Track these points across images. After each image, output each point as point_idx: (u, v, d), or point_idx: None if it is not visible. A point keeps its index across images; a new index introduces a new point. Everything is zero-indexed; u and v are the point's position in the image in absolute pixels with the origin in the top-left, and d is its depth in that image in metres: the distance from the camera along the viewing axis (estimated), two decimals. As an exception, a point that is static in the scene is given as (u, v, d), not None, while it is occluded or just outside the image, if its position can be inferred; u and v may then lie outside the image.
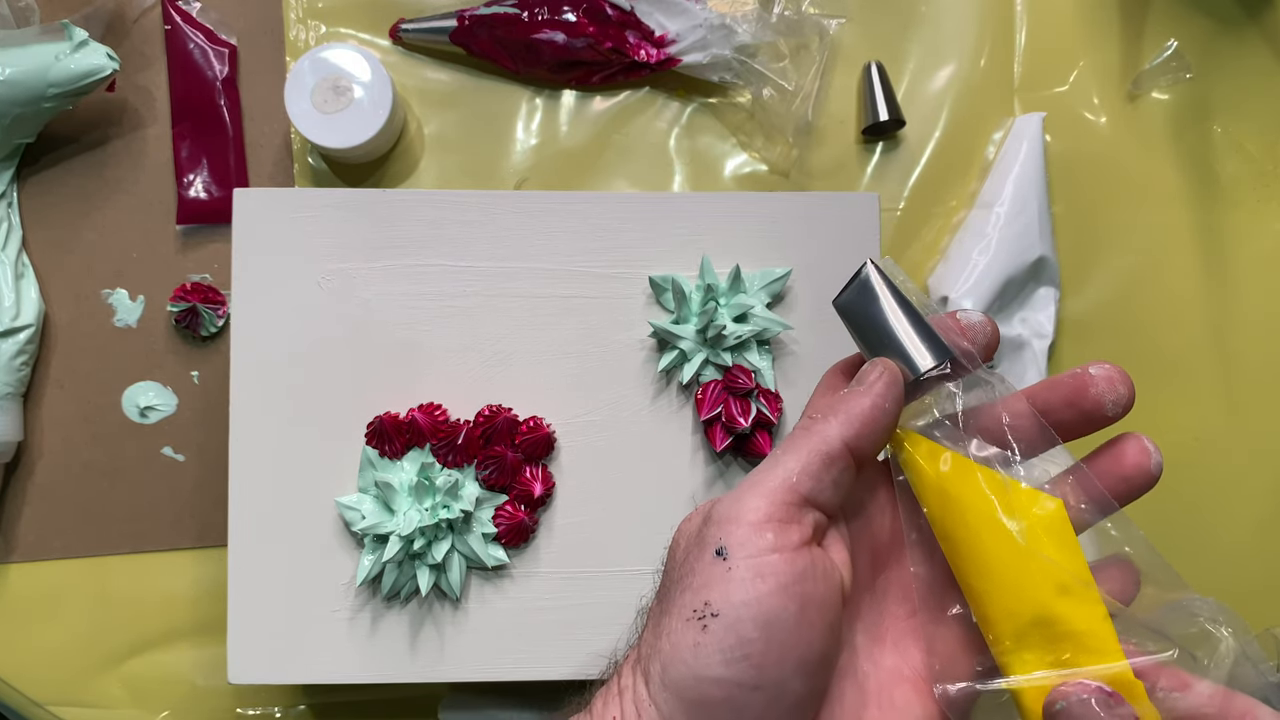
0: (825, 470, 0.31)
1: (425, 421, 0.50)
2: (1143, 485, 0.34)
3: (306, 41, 0.60)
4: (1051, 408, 0.33)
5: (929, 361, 0.32)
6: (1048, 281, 0.60)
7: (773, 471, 0.31)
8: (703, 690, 0.29)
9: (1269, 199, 0.62)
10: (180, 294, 0.58)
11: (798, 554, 0.30)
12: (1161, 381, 0.61)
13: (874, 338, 0.33)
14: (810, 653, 0.30)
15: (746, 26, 0.58)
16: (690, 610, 0.29)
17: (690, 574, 0.30)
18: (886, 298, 0.33)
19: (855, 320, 0.34)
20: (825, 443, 0.31)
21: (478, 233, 0.52)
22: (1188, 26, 0.62)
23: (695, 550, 0.31)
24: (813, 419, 0.32)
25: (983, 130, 0.61)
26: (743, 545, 0.30)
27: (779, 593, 0.29)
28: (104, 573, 0.58)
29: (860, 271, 0.34)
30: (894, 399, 0.32)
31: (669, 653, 0.30)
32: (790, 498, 0.30)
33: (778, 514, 0.30)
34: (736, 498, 0.31)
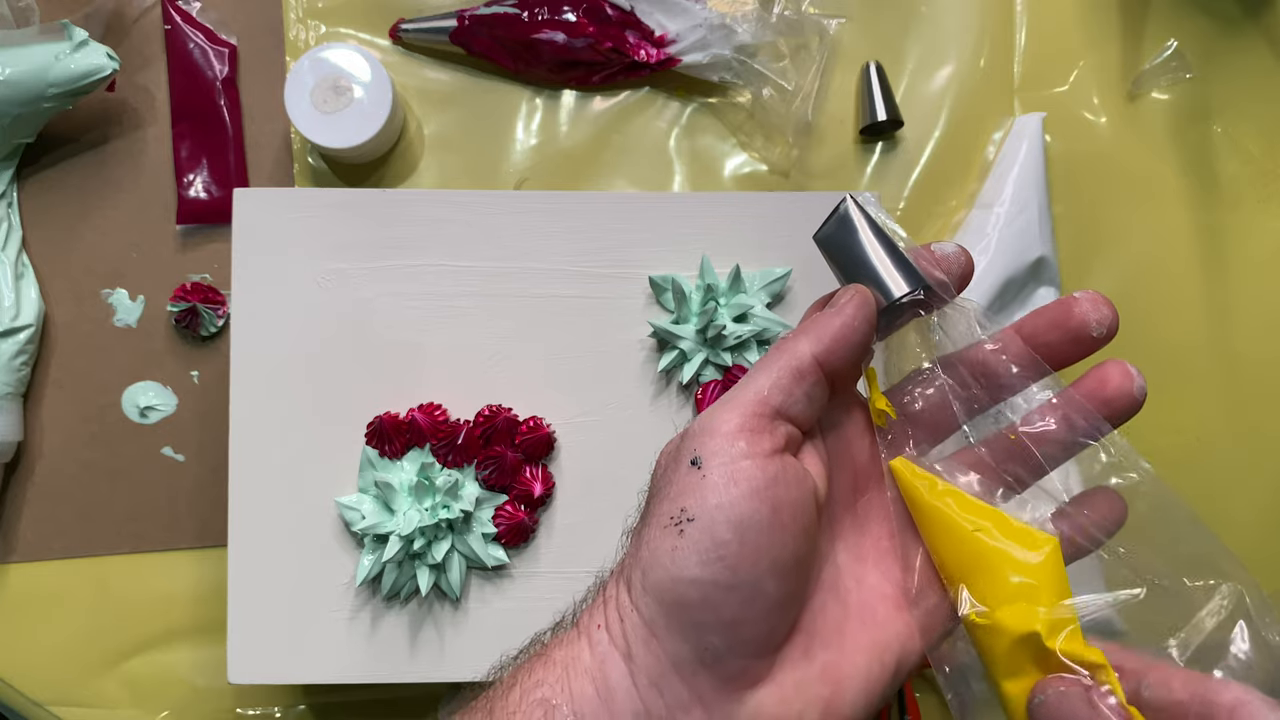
0: (796, 384, 0.32)
1: (425, 421, 0.50)
2: (1126, 408, 0.34)
3: (306, 41, 0.60)
4: (1038, 331, 0.34)
5: (903, 288, 0.33)
6: (1048, 281, 0.60)
7: (745, 388, 0.32)
8: (680, 591, 0.30)
9: (1269, 199, 0.62)
10: (180, 294, 0.58)
11: (769, 460, 0.31)
12: (1161, 381, 0.61)
13: (850, 268, 0.34)
14: (784, 553, 0.30)
15: (746, 26, 0.58)
16: (668, 517, 0.31)
17: (668, 485, 0.31)
18: (864, 230, 0.35)
19: (833, 252, 0.35)
20: (795, 358, 0.32)
21: (478, 233, 0.52)
22: (1188, 26, 0.62)
23: (673, 464, 0.32)
24: (785, 339, 0.33)
25: (983, 130, 0.61)
26: (716, 454, 0.31)
27: (751, 496, 0.30)
28: (104, 573, 0.58)
29: (839, 206, 0.35)
30: (864, 319, 0.33)
31: (648, 559, 0.31)
32: (762, 410, 0.31)
33: (749, 424, 0.31)
34: (711, 413, 0.32)
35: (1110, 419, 0.34)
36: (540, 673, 0.31)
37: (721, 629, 0.30)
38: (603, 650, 0.31)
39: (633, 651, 0.31)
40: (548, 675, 0.31)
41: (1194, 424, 0.61)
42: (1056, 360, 0.34)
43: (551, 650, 0.32)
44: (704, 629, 0.30)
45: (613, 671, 0.31)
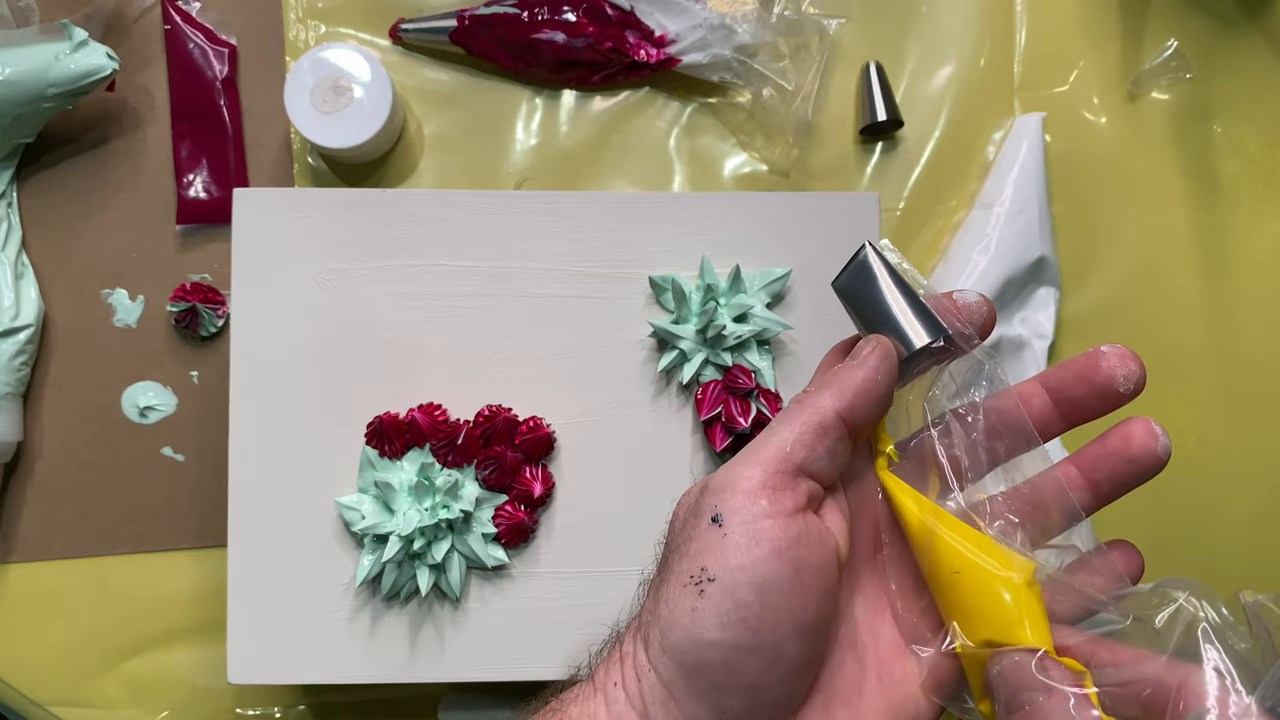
0: (819, 440, 0.32)
1: (425, 421, 0.50)
2: (1150, 468, 0.34)
3: (306, 41, 0.60)
4: (1064, 384, 0.34)
5: (924, 338, 0.33)
6: (1048, 281, 0.60)
7: (768, 442, 0.32)
8: (700, 653, 0.30)
9: (1269, 199, 0.62)
10: (180, 294, 0.58)
11: (792, 519, 0.30)
12: (1162, 381, 0.61)
13: (871, 317, 0.34)
14: (806, 616, 0.30)
15: (746, 26, 0.58)
16: (688, 576, 0.30)
17: (688, 542, 0.31)
18: (884, 278, 0.34)
19: (853, 301, 0.35)
20: (819, 413, 0.32)
21: (478, 233, 0.52)
22: (1188, 26, 0.62)
23: (692, 520, 0.31)
24: (807, 392, 0.33)
25: (983, 130, 0.61)
26: (737, 512, 0.30)
27: (774, 557, 0.29)
28: (104, 573, 0.58)
29: (859, 253, 0.35)
30: (886, 372, 0.33)
31: (667, 618, 0.30)
32: (784, 466, 0.31)
33: (772, 482, 0.31)
34: (731, 467, 0.31)
35: (1133, 478, 0.34)
36: None
37: (742, 692, 0.30)
38: (619, 709, 0.31)
39: (650, 713, 0.30)
40: None
41: (1194, 424, 0.61)
42: (1081, 414, 0.34)
43: (568, 707, 0.32)
44: (723, 692, 0.30)
45: None
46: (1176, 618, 0.30)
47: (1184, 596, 0.30)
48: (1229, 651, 0.29)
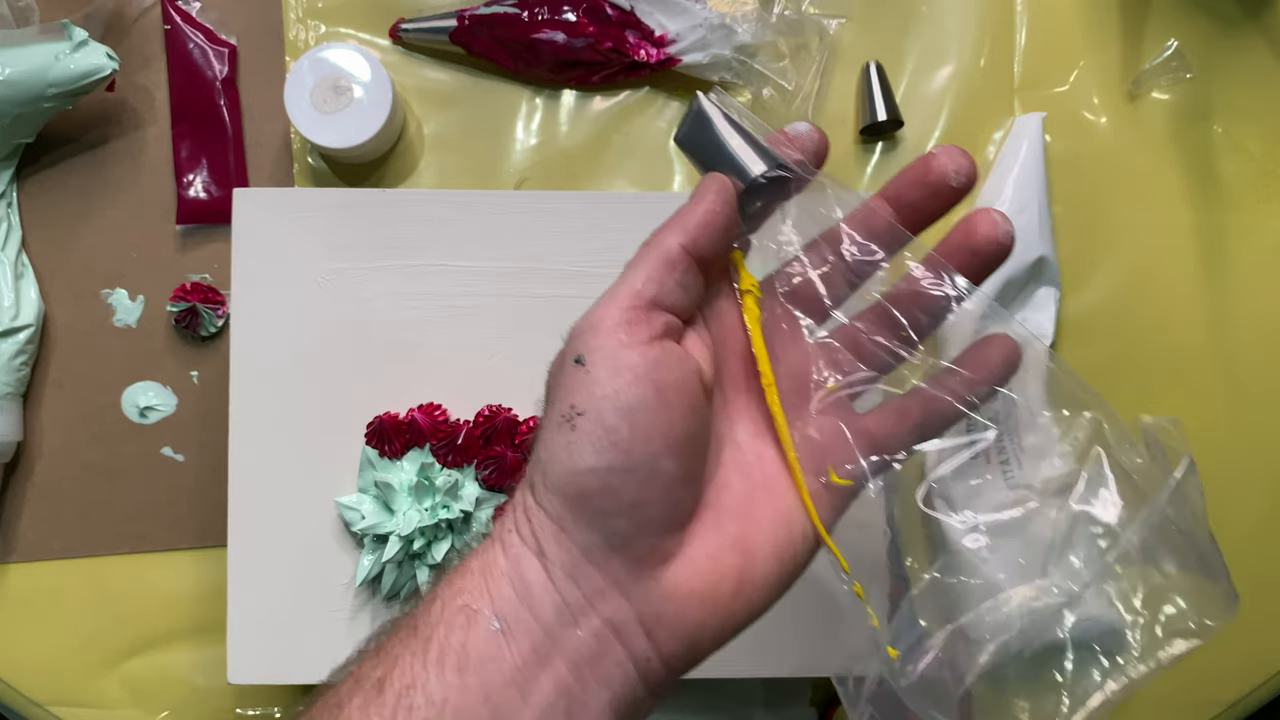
0: (667, 274, 0.33)
1: (425, 421, 0.50)
2: (995, 255, 0.36)
3: (306, 41, 0.60)
4: (902, 191, 0.36)
5: (760, 167, 0.35)
6: (1048, 281, 0.60)
7: (620, 284, 0.33)
8: (580, 482, 0.31)
9: (1269, 199, 0.62)
10: (180, 294, 0.58)
11: (649, 346, 0.32)
12: (1161, 381, 0.61)
13: (710, 160, 0.36)
14: (675, 431, 0.32)
15: (746, 26, 0.58)
16: (560, 416, 0.32)
17: (557, 387, 0.33)
18: (720, 123, 0.36)
19: (694, 149, 0.36)
20: (663, 250, 0.33)
21: (478, 233, 0.52)
22: (1188, 26, 0.62)
23: (559, 368, 0.33)
24: (654, 234, 0.34)
25: (983, 130, 0.61)
26: (597, 349, 0.32)
27: (635, 383, 0.31)
28: (104, 573, 0.58)
29: (694, 103, 0.37)
30: (724, 202, 0.34)
31: (546, 458, 0.32)
32: (637, 302, 0.33)
33: (627, 317, 0.32)
34: (590, 313, 0.33)
35: (978, 268, 0.36)
36: (459, 583, 0.32)
37: (625, 512, 0.31)
38: (516, 552, 0.32)
39: (544, 548, 0.32)
40: (466, 584, 0.32)
41: (1194, 424, 0.61)
42: (923, 217, 0.36)
43: (469, 562, 0.33)
44: (608, 514, 0.31)
45: (528, 570, 0.32)
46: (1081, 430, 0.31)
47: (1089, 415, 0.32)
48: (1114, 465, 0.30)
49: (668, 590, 0.32)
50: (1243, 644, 0.60)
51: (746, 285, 0.36)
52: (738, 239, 0.36)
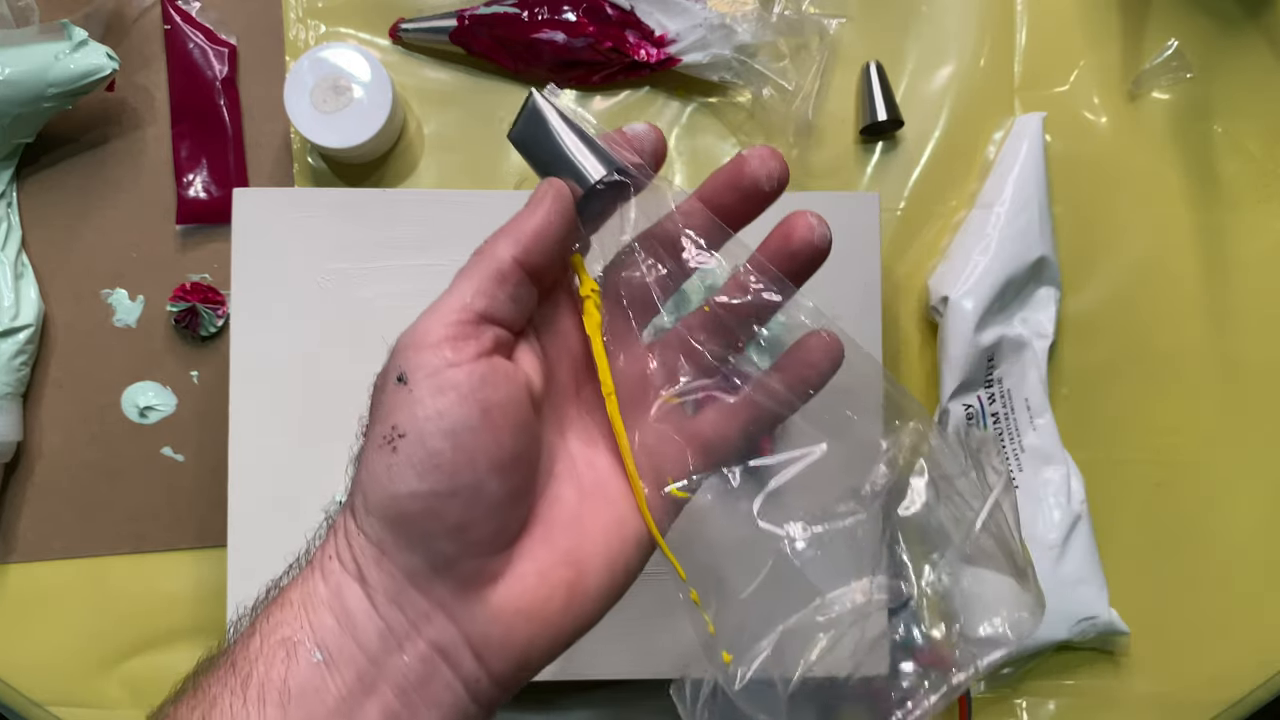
0: (498, 288, 0.32)
1: (425, 421, 0.50)
2: (810, 258, 0.36)
3: (306, 41, 0.60)
4: (717, 193, 0.35)
5: (598, 172, 0.34)
6: (1048, 281, 0.60)
7: (448, 297, 0.32)
8: (401, 506, 0.30)
9: (1269, 199, 0.62)
10: (180, 294, 0.58)
11: (476, 364, 0.31)
12: (1161, 381, 0.61)
13: (547, 161, 0.35)
14: (501, 453, 0.31)
15: (746, 26, 0.58)
16: (381, 437, 0.31)
17: (379, 406, 0.31)
18: (555, 122, 0.35)
19: (529, 148, 0.35)
20: (495, 261, 0.32)
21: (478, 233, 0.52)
22: (1188, 26, 0.62)
23: (381, 384, 0.32)
24: (486, 242, 0.33)
25: (983, 130, 0.61)
26: (421, 367, 0.31)
27: (460, 403, 0.30)
28: (104, 573, 0.58)
29: (527, 101, 0.35)
30: (560, 212, 0.33)
31: (367, 481, 0.31)
32: (465, 316, 0.32)
33: (454, 332, 0.31)
34: (414, 327, 0.32)
35: (798, 271, 0.36)
36: (278, 615, 0.31)
37: (448, 535, 0.30)
38: (336, 579, 0.31)
39: (366, 574, 0.31)
40: (286, 616, 0.31)
41: (1193, 424, 0.61)
42: (737, 219, 0.36)
43: (288, 592, 0.32)
44: (431, 538, 0.30)
45: (350, 597, 0.31)
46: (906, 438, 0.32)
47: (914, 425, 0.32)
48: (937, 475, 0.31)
49: (495, 611, 0.31)
50: (1243, 644, 0.60)
51: (587, 290, 0.35)
52: (578, 240, 0.35)
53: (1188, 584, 0.60)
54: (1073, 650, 0.60)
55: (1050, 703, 0.60)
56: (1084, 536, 0.58)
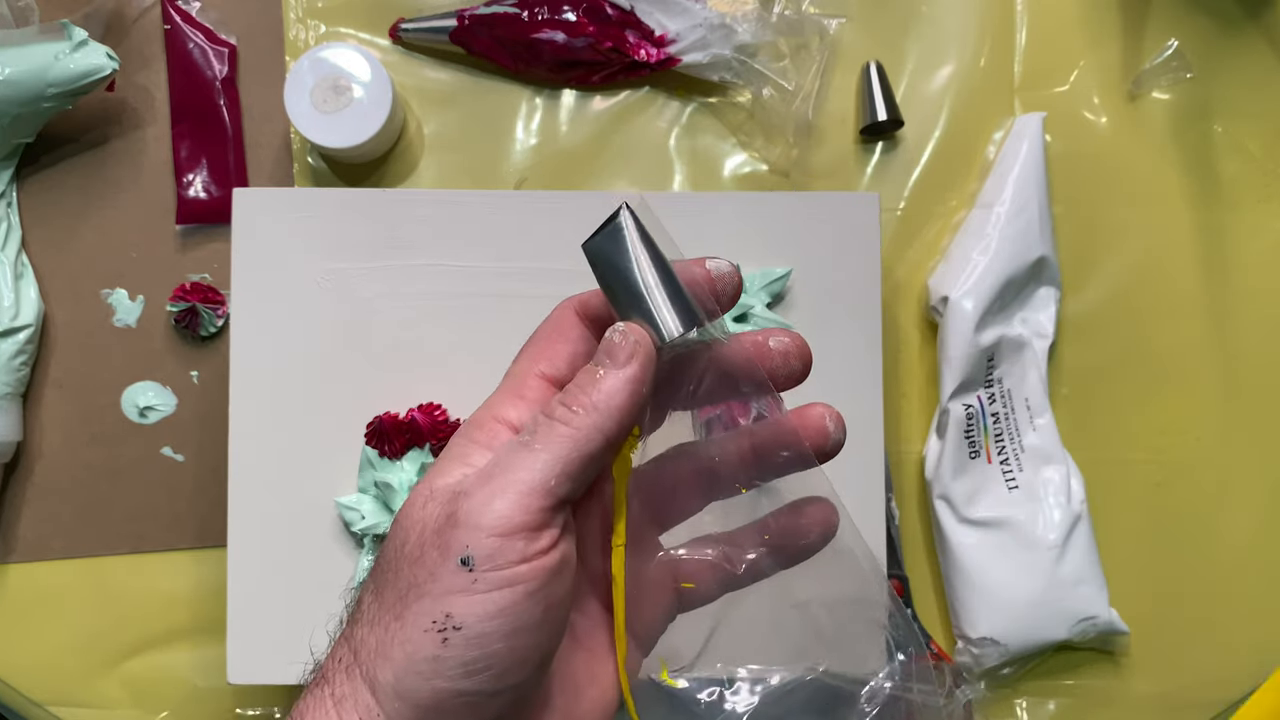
0: (585, 470, 0.29)
1: (425, 421, 0.50)
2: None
3: (306, 41, 0.60)
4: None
5: (678, 329, 0.31)
6: (1048, 281, 0.60)
7: (529, 471, 0.29)
8: (441, 700, 0.28)
9: (1269, 199, 0.62)
10: (180, 294, 0.58)
11: (547, 558, 0.29)
12: (1161, 381, 0.61)
13: (624, 292, 0.32)
14: (551, 647, 0.30)
15: (746, 26, 0.58)
16: (429, 620, 0.28)
17: (430, 579, 0.28)
18: (638, 248, 0.31)
19: (604, 268, 0.32)
20: (589, 441, 0.29)
21: (478, 233, 0.52)
22: (1188, 26, 0.62)
23: (436, 553, 0.28)
24: (570, 410, 0.30)
25: (983, 130, 0.61)
26: (491, 557, 0.28)
27: (525, 599, 0.28)
28: (104, 573, 0.58)
29: (616, 215, 0.32)
30: (649, 379, 0.31)
31: (403, 663, 0.28)
32: (546, 502, 0.29)
33: (532, 522, 0.28)
34: (487, 500, 0.29)
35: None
36: None
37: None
38: None
39: None
40: None
41: (1194, 424, 0.61)
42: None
43: None
44: None
45: None
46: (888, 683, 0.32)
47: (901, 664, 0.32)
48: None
49: None
50: (1243, 644, 0.60)
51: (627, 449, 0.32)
52: None
53: (1188, 584, 0.60)
54: (1073, 650, 0.60)
55: (1050, 703, 0.60)
56: (1084, 536, 0.58)
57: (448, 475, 0.30)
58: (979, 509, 0.58)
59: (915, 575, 0.60)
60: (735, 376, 0.33)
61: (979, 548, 0.57)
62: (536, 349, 0.34)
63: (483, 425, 0.32)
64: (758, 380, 0.33)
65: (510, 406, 0.32)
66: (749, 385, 0.33)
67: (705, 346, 0.32)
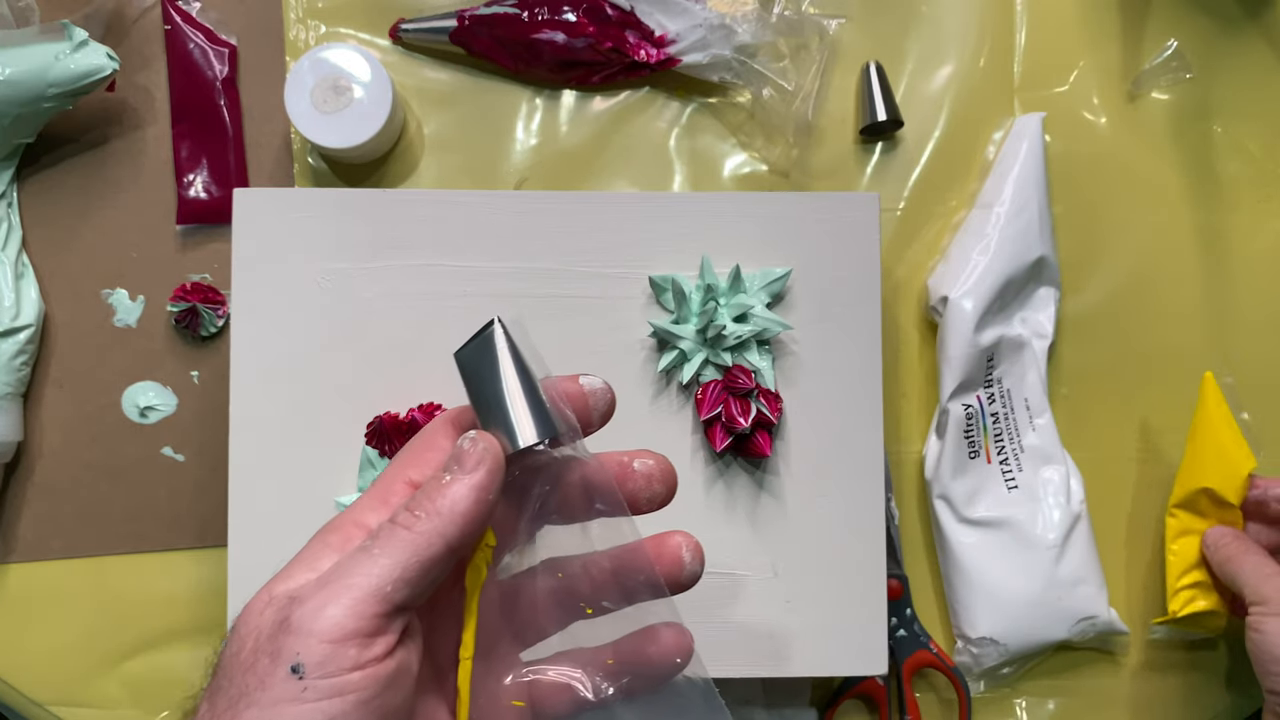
0: (424, 576, 0.29)
1: (425, 421, 0.50)
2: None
3: (306, 41, 0.60)
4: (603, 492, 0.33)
5: (533, 437, 0.32)
6: (1048, 281, 0.60)
7: (366, 576, 0.29)
8: None
9: (1269, 199, 0.62)
10: (180, 294, 0.58)
11: (382, 665, 0.28)
12: (1161, 381, 0.61)
13: (486, 401, 0.32)
14: None
15: (746, 26, 0.58)
16: None
17: (260, 688, 0.27)
18: (505, 360, 0.32)
19: (471, 377, 0.33)
20: (429, 547, 0.29)
21: (478, 233, 0.52)
22: (1188, 26, 0.62)
23: (267, 660, 0.28)
24: (413, 514, 0.30)
25: (983, 130, 0.61)
26: (321, 665, 0.27)
27: (356, 709, 0.27)
28: (104, 573, 0.58)
29: (488, 326, 0.33)
30: (496, 485, 0.31)
31: None
32: (382, 609, 0.28)
33: (365, 628, 0.28)
34: (321, 606, 0.28)
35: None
36: None
37: None
38: None
39: None
40: None
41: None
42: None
43: None
44: None
45: None
46: None
47: None
48: None
49: None
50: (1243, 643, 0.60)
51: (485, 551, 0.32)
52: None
53: (1187, 584, 0.60)
54: (1072, 650, 0.60)
55: (1050, 702, 0.60)
56: (1083, 536, 0.58)
57: (290, 580, 0.30)
58: (978, 509, 0.58)
59: (915, 575, 0.60)
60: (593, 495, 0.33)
61: (978, 548, 0.57)
62: (407, 457, 0.33)
63: (339, 528, 0.31)
64: (614, 502, 0.33)
65: (371, 511, 0.32)
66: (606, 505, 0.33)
67: (566, 462, 0.33)
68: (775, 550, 0.52)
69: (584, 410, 0.33)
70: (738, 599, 0.52)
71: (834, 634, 0.52)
